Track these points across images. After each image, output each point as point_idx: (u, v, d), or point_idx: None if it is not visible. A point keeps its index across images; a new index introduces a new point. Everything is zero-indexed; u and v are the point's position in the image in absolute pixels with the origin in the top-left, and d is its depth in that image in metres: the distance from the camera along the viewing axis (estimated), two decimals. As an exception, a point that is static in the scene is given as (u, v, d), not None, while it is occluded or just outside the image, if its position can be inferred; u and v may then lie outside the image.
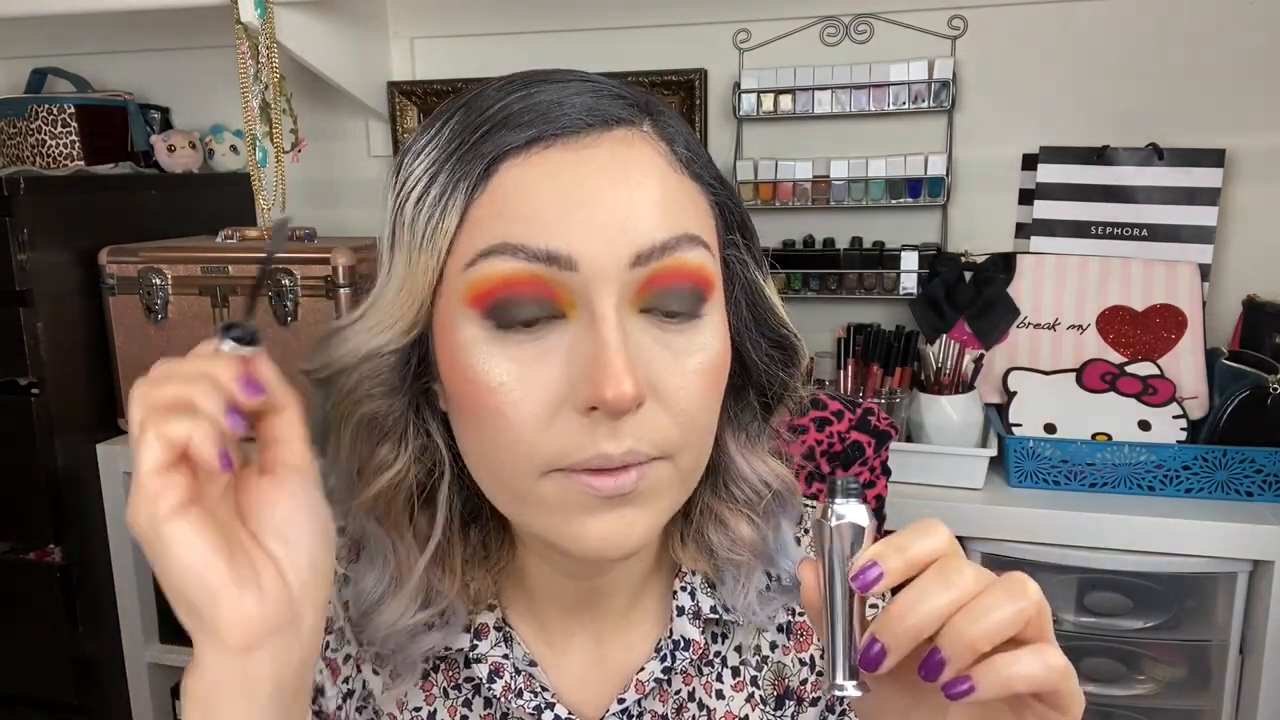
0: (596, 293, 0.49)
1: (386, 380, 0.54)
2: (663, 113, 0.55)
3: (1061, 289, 1.52)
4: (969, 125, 1.61)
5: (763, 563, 0.63)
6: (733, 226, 0.56)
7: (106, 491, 1.58)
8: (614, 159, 0.50)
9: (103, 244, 1.58)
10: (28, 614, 1.56)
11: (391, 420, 0.55)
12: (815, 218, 1.68)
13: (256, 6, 1.48)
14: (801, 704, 0.67)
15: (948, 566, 0.42)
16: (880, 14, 1.59)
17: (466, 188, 0.50)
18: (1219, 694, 1.29)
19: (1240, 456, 1.27)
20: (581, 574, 0.60)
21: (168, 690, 1.69)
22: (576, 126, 0.50)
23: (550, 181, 0.49)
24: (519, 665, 0.61)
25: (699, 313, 0.52)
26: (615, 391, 0.47)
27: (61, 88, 1.89)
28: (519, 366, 0.49)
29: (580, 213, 0.49)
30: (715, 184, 0.55)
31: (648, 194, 0.50)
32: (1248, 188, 1.52)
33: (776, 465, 0.62)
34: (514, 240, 0.49)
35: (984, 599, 0.41)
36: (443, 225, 0.50)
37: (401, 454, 0.56)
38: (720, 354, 0.53)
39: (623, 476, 0.50)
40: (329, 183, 1.92)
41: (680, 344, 0.51)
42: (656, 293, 0.50)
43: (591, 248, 0.48)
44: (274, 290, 1.50)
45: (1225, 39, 1.50)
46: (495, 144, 0.50)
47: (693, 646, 0.62)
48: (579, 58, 1.73)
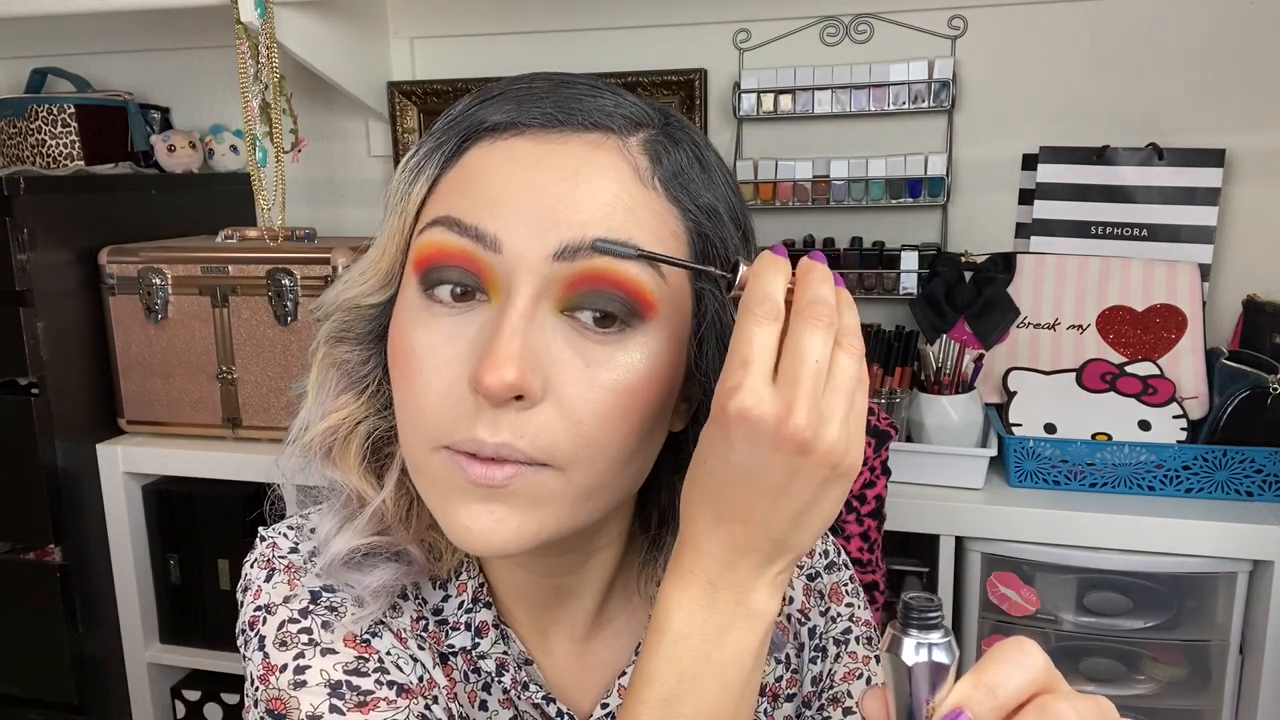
0: (517, 279, 0.49)
1: (358, 330, 0.57)
2: (671, 135, 0.54)
3: (1061, 289, 1.52)
4: (969, 125, 1.61)
5: None
6: (711, 260, 0.53)
7: (106, 491, 1.58)
8: (571, 155, 0.51)
9: (103, 244, 1.58)
10: (28, 614, 1.56)
11: (358, 370, 0.58)
12: (815, 218, 1.68)
13: (256, 6, 1.48)
14: (776, 700, 0.68)
15: (1046, 711, 0.37)
16: (880, 14, 1.59)
17: (439, 159, 0.53)
18: (1219, 694, 1.29)
19: (1240, 456, 1.27)
20: (536, 570, 0.61)
21: (168, 690, 1.69)
22: (549, 121, 0.51)
23: (504, 166, 0.51)
24: (517, 662, 0.62)
25: (628, 328, 0.50)
26: (493, 376, 0.46)
27: (61, 88, 1.89)
28: (436, 339, 0.50)
29: (518, 198, 0.49)
30: (698, 213, 0.53)
31: (594, 194, 0.50)
32: (1248, 188, 1.52)
33: None
34: (453, 214, 0.50)
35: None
36: (413, 191, 0.53)
37: (360, 402, 0.58)
38: (644, 378, 0.50)
39: (493, 468, 0.49)
40: (329, 183, 1.92)
41: (599, 355, 0.49)
42: (582, 293, 0.49)
43: (519, 232, 0.49)
44: (274, 290, 1.50)
45: (1225, 39, 1.50)
46: (473, 122, 0.53)
47: None
48: (579, 58, 1.73)
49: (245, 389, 1.55)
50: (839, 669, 0.70)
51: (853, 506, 1.07)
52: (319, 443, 0.57)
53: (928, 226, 1.65)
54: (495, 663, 0.61)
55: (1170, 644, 1.31)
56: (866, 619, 0.72)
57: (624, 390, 0.50)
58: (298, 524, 0.63)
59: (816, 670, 0.70)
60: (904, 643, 0.39)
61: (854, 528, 1.06)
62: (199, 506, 1.60)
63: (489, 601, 0.62)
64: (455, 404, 0.49)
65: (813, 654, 0.70)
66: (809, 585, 0.70)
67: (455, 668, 0.62)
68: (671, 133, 0.54)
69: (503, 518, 0.50)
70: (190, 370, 1.56)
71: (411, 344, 0.51)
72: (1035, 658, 0.39)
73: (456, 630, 0.61)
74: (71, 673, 1.57)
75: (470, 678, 0.63)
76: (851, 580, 0.72)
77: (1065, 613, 1.32)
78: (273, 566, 0.60)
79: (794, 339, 0.45)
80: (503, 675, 0.61)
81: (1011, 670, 0.38)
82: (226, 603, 1.59)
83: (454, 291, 0.50)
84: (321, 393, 0.58)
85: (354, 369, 0.57)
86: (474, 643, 0.61)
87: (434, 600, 0.62)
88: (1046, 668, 0.39)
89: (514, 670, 0.61)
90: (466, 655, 0.62)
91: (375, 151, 1.88)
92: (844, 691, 0.69)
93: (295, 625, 0.57)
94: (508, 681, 0.61)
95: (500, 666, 0.61)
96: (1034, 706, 0.38)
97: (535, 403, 0.48)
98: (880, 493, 1.09)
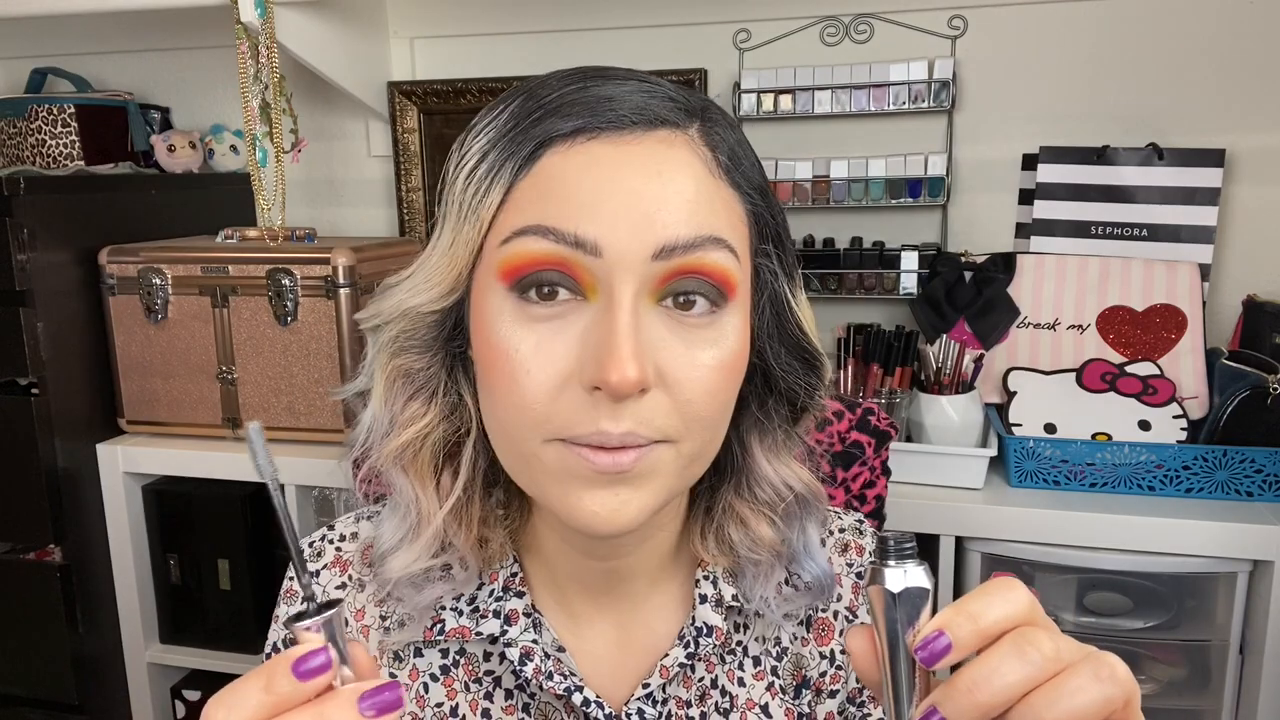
0: (618, 279, 0.51)
1: (422, 337, 0.58)
2: (714, 119, 0.56)
3: (1061, 289, 1.52)
4: (969, 125, 1.61)
5: (783, 563, 0.64)
6: (766, 237, 0.58)
7: (106, 491, 1.58)
8: (652, 156, 0.52)
9: (103, 244, 1.58)
10: (28, 614, 1.56)
11: (424, 376, 0.59)
12: (815, 218, 1.68)
13: (256, 6, 1.48)
14: (820, 695, 0.68)
15: (1024, 638, 0.38)
16: (880, 14, 1.59)
17: (513, 168, 0.53)
18: (1219, 694, 1.29)
19: (1240, 456, 1.27)
20: (597, 554, 0.62)
21: (168, 690, 1.69)
22: (622, 123, 0.53)
23: (588, 171, 0.52)
24: (548, 650, 0.62)
25: (717, 310, 0.54)
26: (619, 375, 0.49)
27: (61, 88, 1.89)
28: (537, 339, 0.52)
29: (611, 202, 0.51)
30: (754, 195, 0.57)
31: (679, 192, 0.52)
32: (1248, 188, 1.52)
33: (801, 470, 0.64)
34: (547, 223, 0.51)
35: (1066, 680, 0.38)
36: (487, 200, 0.54)
37: (431, 409, 0.60)
38: (735, 353, 0.55)
39: (620, 455, 0.52)
40: (329, 183, 1.92)
41: (695, 337, 0.53)
42: (677, 283, 0.52)
43: (617, 236, 0.51)
44: (274, 290, 1.50)
45: (1225, 39, 1.50)
46: (544, 129, 0.53)
47: (715, 633, 0.63)
48: (579, 58, 1.72)
49: (245, 389, 1.55)
50: None
51: (853, 507, 1.07)
52: (394, 455, 0.60)
53: (928, 226, 1.65)
54: (520, 651, 0.61)
55: (1170, 644, 1.31)
56: None
57: (721, 365, 0.54)
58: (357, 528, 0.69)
59: None
60: (885, 573, 0.41)
61: (854, 528, 1.06)
62: (199, 506, 1.59)
63: (521, 591, 0.63)
64: (569, 400, 0.52)
65: None
66: (857, 583, 0.71)
67: (456, 679, 0.63)
68: (713, 115, 0.57)
69: (627, 498, 0.53)
70: (190, 370, 1.56)
71: (513, 345, 0.52)
72: (1019, 594, 0.40)
73: (485, 618, 0.62)
74: (71, 673, 1.57)
75: (471, 687, 0.63)
76: None
77: (1065, 613, 1.32)
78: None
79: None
80: (525, 664, 0.61)
81: (994, 601, 0.39)
82: (226, 602, 1.59)
83: (543, 292, 0.52)
84: (390, 402, 0.60)
85: (418, 375, 0.59)
86: (503, 630, 0.62)
87: (469, 590, 0.63)
88: (1031, 604, 0.40)
89: (540, 660, 0.61)
90: (472, 660, 0.63)
91: (375, 151, 1.88)
92: None
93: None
94: (529, 671, 0.61)
95: (525, 655, 0.61)
96: (1012, 636, 0.38)
97: (649, 390, 0.51)
98: (880, 493, 1.09)
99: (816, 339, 0.62)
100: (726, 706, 0.65)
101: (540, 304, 0.52)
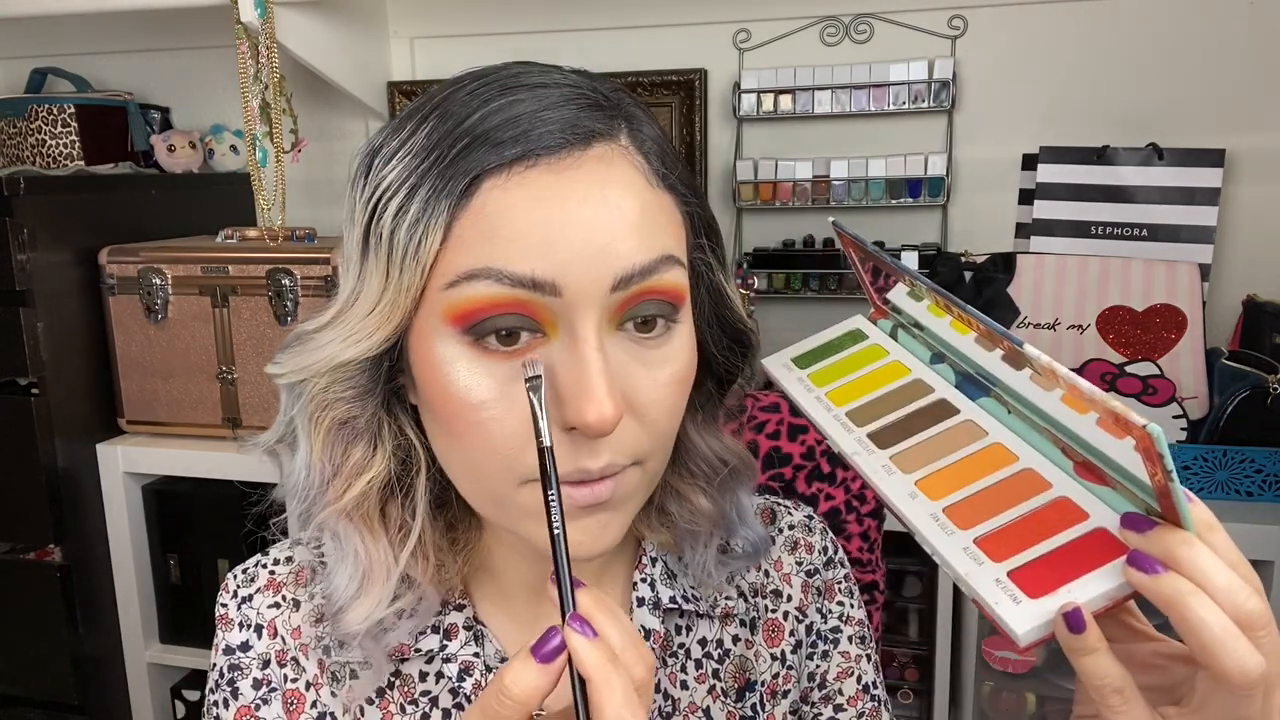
0: (579, 315, 0.49)
1: (359, 384, 0.55)
2: (636, 118, 0.54)
3: (1061, 289, 1.52)
4: (969, 125, 1.61)
5: (721, 532, 0.65)
6: (700, 231, 0.57)
7: (106, 491, 1.58)
8: (594, 180, 0.50)
9: (103, 244, 1.58)
10: (28, 614, 1.56)
11: (364, 422, 0.56)
12: (815, 218, 1.68)
13: (256, 6, 1.48)
14: (775, 696, 0.68)
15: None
16: (880, 14, 1.59)
17: (449, 205, 0.49)
18: (1219, 694, 1.28)
19: (1240, 456, 1.27)
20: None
21: (168, 690, 1.69)
22: (557, 145, 0.50)
23: (533, 205, 0.49)
24: (489, 663, 0.61)
25: (671, 324, 0.54)
26: (597, 416, 0.48)
27: (61, 88, 1.89)
28: (499, 384, 0.50)
29: (563, 239, 0.49)
30: (687, 193, 0.56)
31: (626, 216, 0.50)
32: (1248, 188, 1.52)
33: (732, 442, 0.65)
34: (496, 265, 0.49)
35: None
36: (426, 243, 0.50)
37: (378, 455, 0.56)
38: (688, 362, 0.55)
39: (599, 487, 0.52)
40: (329, 183, 1.92)
41: (653, 357, 0.53)
42: (634, 308, 0.52)
43: (574, 274, 0.49)
44: (274, 290, 1.50)
45: (1225, 39, 1.50)
46: (477, 160, 0.50)
47: (653, 636, 0.63)
48: (579, 58, 1.73)
49: (245, 389, 1.55)
50: (831, 667, 0.70)
51: (852, 506, 1.07)
52: (346, 509, 0.57)
53: (928, 226, 1.65)
54: (459, 667, 0.61)
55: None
56: (859, 618, 0.72)
57: (677, 380, 0.54)
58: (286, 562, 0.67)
59: (813, 667, 0.70)
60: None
61: (854, 528, 1.06)
62: (199, 506, 1.60)
63: (461, 604, 0.62)
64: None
65: (809, 650, 0.70)
66: (807, 582, 0.70)
67: (391, 700, 0.62)
68: (632, 111, 0.54)
69: (607, 522, 0.53)
70: (190, 370, 1.56)
71: (476, 395, 0.50)
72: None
73: (424, 634, 0.61)
74: (71, 673, 1.57)
75: (407, 709, 0.62)
76: (846, 579, 0.72)
77: (1065, 613, 1.32)
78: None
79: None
80: (465, 680, 0.60)
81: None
82: (226, 603, 1.59)
83: (502, 336, 0.50)
84: (330, 454, 0.56)
85: (357, 422, 0.56)
86: (441, 645, 0.61)
87: (410, 605, 0.61)
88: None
89: (480, 674, 0.61)
90: (407, 681, 0.62)
91: (375, 151, 1.88)
92: (836, 690, 0.70)
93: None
94: (469, 687, 0.60)
95: (465, 670, 0.61)
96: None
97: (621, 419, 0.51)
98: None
99: (746, 316, 0.62)
100: (669, 710, 0.64)
101: (501, 348, 0.50)
